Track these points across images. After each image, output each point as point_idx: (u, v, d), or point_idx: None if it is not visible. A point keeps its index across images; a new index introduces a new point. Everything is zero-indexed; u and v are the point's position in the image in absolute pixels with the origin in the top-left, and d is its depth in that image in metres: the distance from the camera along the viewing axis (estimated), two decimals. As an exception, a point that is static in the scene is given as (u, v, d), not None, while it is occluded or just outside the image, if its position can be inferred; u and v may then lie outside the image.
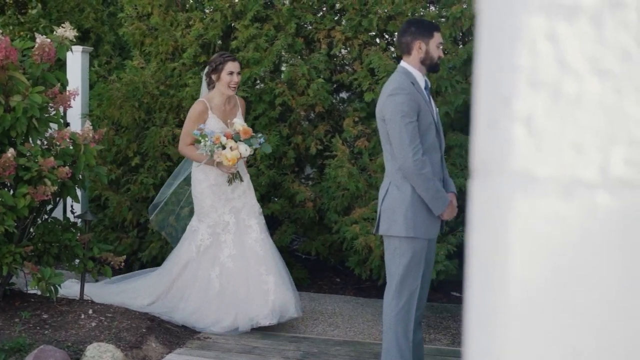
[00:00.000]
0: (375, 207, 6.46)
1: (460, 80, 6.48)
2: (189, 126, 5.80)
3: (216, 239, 5.92)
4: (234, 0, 6.93)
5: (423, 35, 4.55)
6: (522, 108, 1.10)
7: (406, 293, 4.48)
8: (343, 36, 6.85)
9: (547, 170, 1.09)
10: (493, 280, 1.14)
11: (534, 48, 1.09)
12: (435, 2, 6.88)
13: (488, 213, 1.14)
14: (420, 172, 4.33)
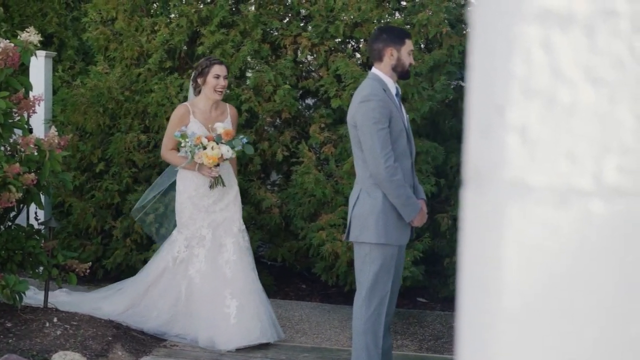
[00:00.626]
0: (342, 213, 6.46)
1: (426, 87, 6.51)
2: (170, 130, 5.69)
3: (190, 252, 5.77)
4: (200, 6, 6.90)
5: (395, 42, 4.57)
6: (516, 117, 1.10)
7: (376, 300, 4.49)
8: (309, 42, 6.84)
9: (542, 179, 1.09)
10: (487, 289, 1.13)
11: (528, 57, 1.09)
12: (401, 9, 6.90)
13: (482, 222, 1.14)
14: (391, 178, 4.34)
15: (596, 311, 1.10)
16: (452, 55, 6.62)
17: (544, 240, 1.10)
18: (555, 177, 1.09)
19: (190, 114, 5.67)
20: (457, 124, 7.10)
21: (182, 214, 5.78)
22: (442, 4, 6.54)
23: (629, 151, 1.09)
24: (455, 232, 6.71)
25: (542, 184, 1.09)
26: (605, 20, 1.08)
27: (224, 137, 5.51)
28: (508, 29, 1.10)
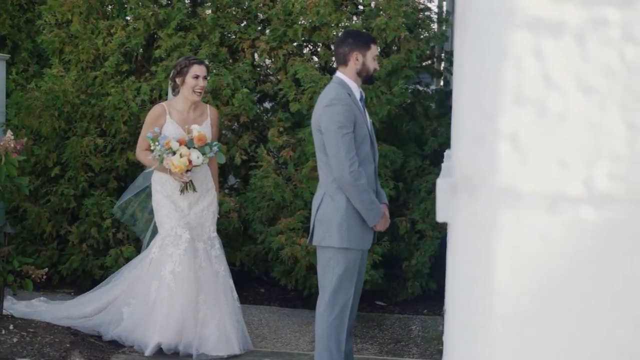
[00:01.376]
0: (301, 217, 6.46)
1: (385, 91, 6.53)
2: (145, 130, 5.52)
3: (165, 252, 5.49)
4: (157, 9, 6.84)
5: (360, 46, 4.58)
6: (508, 124, 1.11)
7: (339, 304, 4.49)
8: (268, 46, 6.83)
9: (533, 185, 1.10)
10: (479, 294, 1.14)
11: (520, 64, 1.10)
12: (359, 13, 6.92)
13: (474, 227, 1.14)
14: (355, 183, 4.35)
15: (587, 316, 1.11)
16: (410, 60, 6.65)
17: (535, 246, 1.11)
18: (546, 184, 1.10)
19: (167, 114, 5.49)
20: (415, 127, 7.14)
21: (158, 212, 5.60)
22: (400, 8, 6.57)
23: (619, 158, 1.10)
24: (413, 235, 6.75)
25: (534, 190, 1.10)
26: (595, 28, 1.09)
27: (197, 143, 5.34)
28: (499, 37, 1.11)
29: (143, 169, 6.02)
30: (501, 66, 1.11)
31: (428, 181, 6.77)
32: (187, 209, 5.57)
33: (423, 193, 6.75)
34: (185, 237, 5.48)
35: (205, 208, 5.65)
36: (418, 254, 6.70)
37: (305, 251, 6.37)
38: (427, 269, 6.75)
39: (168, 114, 5.48)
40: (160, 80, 6.66)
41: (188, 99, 5.52)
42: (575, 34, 1.10)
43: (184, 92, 5.51)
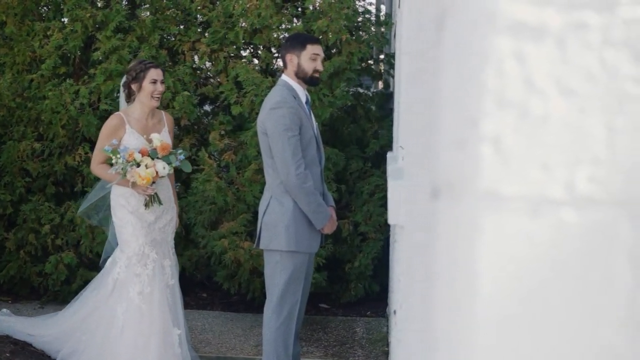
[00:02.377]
0: (243, 221, 6.43)
1: (327, 94, 6.53)
2: (102, 143, 5.12)
3: (131, 272, 5.13)
4: (95, 11, 6.73)
5: (294, 47, 4.57)
6: (490, 128, 1.10)
7: (287, 307, 4.48)
8: (208, 49, 6.78)
9: (515, 189, 1.10)
10: (461, 300, 1.13)
11: (501, 69, 1.10)
12: (300, 16, 6.90)
13: (456, 233, 1.14)
14: (302, 186, 4.34)
15: (570, 320, 1.12)
16: (352, 62, 6.67)
17: (519, 250, 1.11)
18: (528, 188, 1.10)
19: (126, 123, 5.14)
20: (356, 130, 7.16)
21: (123, 230, 5.19)
22: (341, 11, 6.58)
23: (599, 161, 1.10)
24: (356, 237, 6.76)
25: (516, 194, 1.10)
26: (576, 32, 1.10)
27: (160, 152, 5.02)
28: (481, 41, 1.10)
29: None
30: (483, 70, 1.10)
31: (370, 183, 6.79)
32: (154, 223, 5.24)
33: (365, 195, 6.77)
34: (153, 257, 5.16)
35: (168, 222, 5.35)
36: (361, 256, 6.72)
37: (249, 255, 6.34)
38: (370, 271, 6.78)
39: (127, 123, 5.14)
40: (99, 83, 6.55)
41: (146, 105, 5.19)
42: (556, 38, 1.10)
43: (142, 99, 5.18)
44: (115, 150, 4.94)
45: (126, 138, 5.08)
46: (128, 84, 5.23)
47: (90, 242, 6.58)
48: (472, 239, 1.11)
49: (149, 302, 5.07)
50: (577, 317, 1.12)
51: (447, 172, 1.16)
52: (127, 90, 5.27)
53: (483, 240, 1.11)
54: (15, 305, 6.56)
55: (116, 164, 4.92)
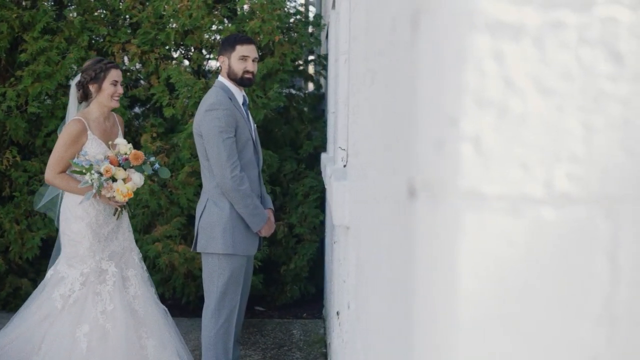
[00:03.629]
0: (177, 224, 6.36)
1: (260, 95, 6.50)
2: (63, 151, 4.63)
3: (89, 290, 4.69)
4: (21, 11, 6.56)
5: (225, 49, 4.55)
6: (470, 128, 1.10)
7: (225, 311, 4.43)
8: (139, 50, 6.67)
9: (495, 188, 1.10)
10: (442, 300, 1.13)
11: (480, 67, 1.10)
12: (232, 17, 6.85)
13: (436, 233, 1.13)
14: (238, 188, 4.31)
15: (550, 318, 1.12)
16: (285, 63, 6.65)
17: (500, 249, 1.11)
18: (508, 186, 1.11)
19: (88, 129, 4.69)
20: (289, 131, 7.14)
21: (79, 245, 4.71)
22: (273, 12, 6.56)
23: (577, 159, 1.11)
24: (290, 239, 6.74)
25: (496, 193, 1.10)
26: (553, 31, 1.10)
27: (133, 162, 4.62)
28: (459, 40, 1.10)
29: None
30: (462, 69, 1.10)
31: (304, 185, 6.78)
32: (111, 233, 4.83)
33: (300, 197, 6.76)
34: (112, 271, 4.76)
35: (126, 229, 4.96)
36: (296, 258, 6.71)
37: (183, 258, 6.28)
38: (305, 273, 6.77)
39: (88, 128, 4.70)
40: (26, 85, 6.39)
41: (106, 106, 4.79)
42: (534, 37, 1.10)
43: (100, 100, 4.77)
44: (89, 167, 4.53)
45: (88, 145, 4.67)
46: (85, 84, 4.80)
47: (19, 248, 6.42)
48: (452, 238, 1.11)
49: (112, 319, 4.69)
50: (556, 314, 1.12)
51: (425, 172, 1.15)
52: (81, 91, 4.82)
53: (464, 239, 1.11)
54: (-59, 315, 6.36)
55: (91, 180, 4.50)
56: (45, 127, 6.57)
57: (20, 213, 6.46)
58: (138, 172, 4.61)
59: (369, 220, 2.11)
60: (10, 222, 6.40)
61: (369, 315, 2.04)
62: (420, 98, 1.18)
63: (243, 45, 4.55)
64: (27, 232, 6.43)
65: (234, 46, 4.53)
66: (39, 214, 6.49)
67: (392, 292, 1.50)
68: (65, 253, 4.77)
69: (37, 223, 6.49)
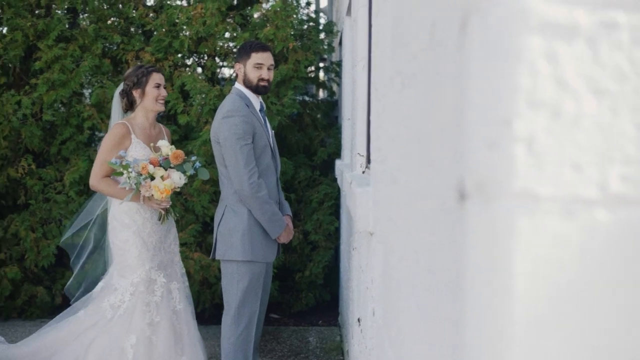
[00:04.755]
0: (193, 231, 6.35)
1: (275, 102, 6.50)
2: (105, 154, 4.59)
3: (138, 300, 4.64)
4: (35, 20, 6.58)
5: (241, 56, 4.54)
6: (523, 129, 1.09)
7: (245, 318, 4.42)
8: (152, 57, 6.69)
9: (548, 189, 1.10)
10: (496, 302, 1.12)
11: (533, 68, 1.09)
12: (246, 24, 6.86)
13: (489, 234, 1.13)
14: (256, 195, 4.30)
15: (604, 320, 1.11)
16: (299, 70, 6.65)
17: (553, 251, 1.10)
18: (561, 188, 1.10)
19: (131, 132, 4.66)
20: (303, 138, 7.14)
21: (127, 254, 4.66)
22: (287, 19, 6.56)
23: (631, 161, 1.11)
24: (305, 246, 6.74)
25: (550, 194, 1.09)
26: (607, 32, 1.10)
27: (173, 161, 4.57)
28: (512, 41, 1.09)
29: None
30: (515, 70, 1.09)
31: (319, 192, 6.78)
32: (159, 243, 4.77)
33: (315, 204, 6.75)
34: (161, 281, 4.70)
35: (172, 241, 4.90)
36: (311, 265, 6.70)
37: (199, 266, 6.28)
38: (320, 280, 6.76)
39: (132, 132, 4.68)
40: (41, 93, 6.40)
41: (151, 111, 4.77)
42: (587, 37, 1.10)
43: (146, 105, 4.75)
44: (125, 165, 4.48)
45: (132, 149, 4.64)
46: (129, 91, 4.79)
47: (35, 256, 6.43)
48: (506, 240, 1.10)
49: (157, 332, 4.66)
50: (611, 317, 1.11)
51: (476, 173, 1.15)
52: (126, 99, 4.81)
53: (518, 241, 1.10)
54: (-43, 323, 6.37)
55: (129, 178, 4.46)
56: (60, 135, 6.59)
57: (36, 221, 6.46)
58: (179, 172, 4.55)
59: (400, 225, 2.10)
60: (26, 230, 6.40)
61: (402, 322, 2.03)
62: (470, 99, 1.18)
63: (258, 52, 4.53)
64: (42, 240, 6.44)
65: (249, 54, 4.52)
66: (55, 222, 6.51)
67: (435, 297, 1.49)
68: (116, 263, 4.74)
69: (53, 231, 6.49)
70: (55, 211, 6.45)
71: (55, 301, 6.66)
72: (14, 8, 6.55)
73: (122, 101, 4.83)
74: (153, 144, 4.67)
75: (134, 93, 4.76)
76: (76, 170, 6.42)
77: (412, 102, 1.85)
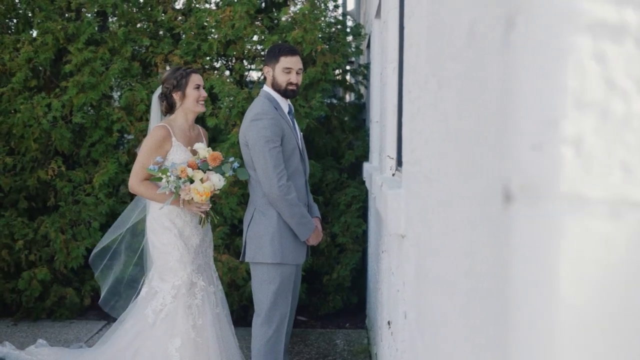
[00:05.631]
0: (221, 234, 6.36)
1: (303, 105, 6.51)
2: (146, 157, 4.52)
3: (180, 303, 4.60)
4: (66, 23, 6.63)
5: (270, 59, 4.53)
6: (570, 129, 1.08)
7: (276, 320, 4.42)
8: (181, 60, 6.71)
9: (596, 191, 1.08)
10: (542, 307, 1.11)
11: (581, 68, 1.08)
12: (274, 27, 6.87)
13: (535, 236, 1.11)
14: (285, 197, 4.30)
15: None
16: (327, 73, 6.65)
17: (601, 253, 1.08)
18: (609, 190, 1.08)
19: (172, 135, 4.60)
20: (331, 141, 7.14)
21: (169, 257, 4.62)
22: (316, 21, 6.57)
23: (681, 162, 1.09)
24: (333, 249, 6.73)
25: (598, 196, 1.08)
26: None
27: (211, 163, 4.50)
28: (559, 40, 1.08)
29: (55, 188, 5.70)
30: (562, 70, 1.08)
31: (347, 194, 6.77)
32: (198, 247, 4.74)
33: (342, 206, 6.74)
34: (201, 284, 4.67)
35: (208, 245, 4.85)
36: (339, 267, 6.69)
37: (227, 268, 6.29)
38: (348, 283, 6.75)
39: (173, 135, 4.61)
40: (71, 96, 6.45)
41: (192, 112, 4.72)
42: (636, 37, 1.08)
43: (188, 106, 4.69)
44: (164, 170, 4.42)
45: (173, 152, 4.58)
46: (168, 94, 4.73)
47: (64, 258, 6.47)
48: (552, 242, 1.09)
49: (202, 334, 4.62)
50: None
51: (522, 174, 1.13)
52: (165, 102, 4.75)
53: (564, 243, 1.08)
54: (-13, 324, 6.43)
55: (167, 183, 4.40)
56: (89, 137, 6.63)
57: (65, 223, 6.51)
58: (218, 174, 4.49)
59: (436, 227, 2.08)
60: (56, 231, 6.44)
61: (438, 325, 2.01)
62: (515, 100, 1.17)
63: (287, 56, 4.52)
64: (72, 242, 6.48)
65: (278, 57, 4.51)
66: (84, 224, 6.55)
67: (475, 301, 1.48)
68: (156, 267, 4.69)
69: (82, 233, 6.53)
70: (84, 213, 6.48)
71: (84, 302, 6.70)
72: (44, 12, 6.61)
73: (162, 104, 4.77)
74: (190, 147, 4.63)
75: (174, 95, 4.71)
76: (105, 173, 6.46)
77: (449, 102, 1.84)
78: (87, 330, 6.36)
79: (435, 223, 2.13)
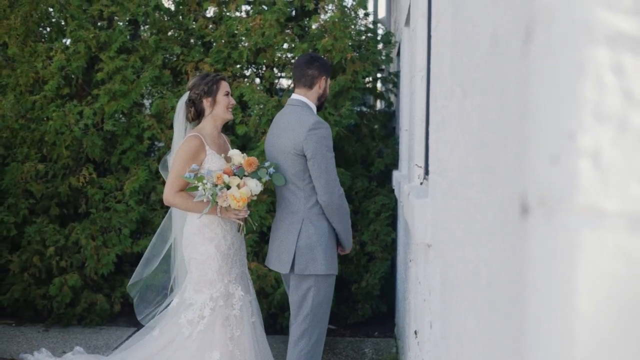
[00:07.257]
0: (249, 241, 6.37)
1: (332, 113, 6.51)
2: (181, 168, 4.45)
3: (218, 315, 4.56)
4: (98, 31, 6.69)
5: (327, 72, 4.55)
6: (588, 142, 1.07)
7: (318, 330, 4.40)
8: (212, 68, 6.74)
9: (614, 204, 1.07)
10: (557, 320, 1.10)
11: (599, 80, 1.07)
12: (304, 35, 6.89)
13: (552, 250, 1.10)
14: (343, 205, 4.34)
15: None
16: (356, 81, 6.65)
17: (618, 267, 1.07)
18: (628, 203, 1.07)
19: (206, 144, 4.53)
20: (361, 149, 7.13)
21: (208, 268, 4.55)
22: (346, 29, 6.57)
23: (701, 175, 1.07)
24: (362, 257, 6.72)
25: (615, 209, 1.07)
26: (676, 43, 1.07)
27: (247, 169, 4.44)
28: (577, 52, 1.07)
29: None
30: (580, 82, 1.07)
31: (376, 202, 6.76)
32: (236, 256, 4.68)
33: (372, 215, 6.73)
34: (239, 295, 4.63)
35: (244, 253, 4.81)
36: (368, 276, 6.68)
37: (256, 276, 6.29)
38: (377, 291, 6.73)
39: (206, 143, 4.54)
40: (103, 103, 6.51)
41: (222, 119, 4.67)
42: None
43: (218, 113, 4.65)
44: (200, 177, 4.36)
45: (207, 160, 4.51)
46: (197, 100, 4.66)
47: (95, 264, 6.52)
48: (569, 255, 1.08)
49: (240, 346, 4.58)
50: (679, 336, 1.08)
51: (540, 187, 1.13)
52: (193, 109, 4.68)
53: (581, 257, 1.07)
54: (19, 328, 6.49)
55: (204, 190, 4.35)
56: (120, 145, 6.68)
57: (96, 229, 6.56)
58: (254, 179, 4.42)
59: (460, 237, 2.07)
60: (87, 238, 6.50)
61: (461, 336, 2.00)
62: (533, 112, 1.16)
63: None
64: (102, 248, 6.53)
65: (330, 72, 4.57)
66: (114, 231, 6.60)
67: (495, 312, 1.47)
68: (192, 278, 4.61)
69: (113, 239, 6.58)
70: (115, 220, 6.53)
71: (114, 309, 6.74)
72: (77, 20, 6.67)
73: (190, 111, 4.69)
74: (224, 155, 4.58)
75: (204, 102, 4.64)
76: (136, 180, 6.51)
77: (473, 113, 1.83)
78: (116, 337, 6.40)
79: (459, 233, 2.12)
